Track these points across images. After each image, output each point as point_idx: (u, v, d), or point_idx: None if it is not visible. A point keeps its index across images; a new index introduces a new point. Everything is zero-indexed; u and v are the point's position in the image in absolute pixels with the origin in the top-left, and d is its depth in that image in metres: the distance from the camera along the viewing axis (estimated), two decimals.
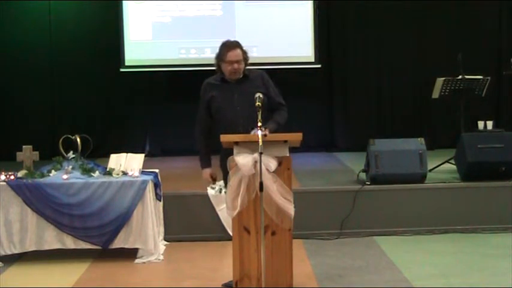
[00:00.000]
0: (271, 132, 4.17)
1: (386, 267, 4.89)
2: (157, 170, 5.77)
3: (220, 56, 4.46)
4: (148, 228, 5.31)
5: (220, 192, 5.88)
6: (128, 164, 5.58)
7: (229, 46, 4.46)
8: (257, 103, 4.13)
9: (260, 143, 3.92)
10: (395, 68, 8.82)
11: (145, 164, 5.67)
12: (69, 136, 5.59)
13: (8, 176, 5.39)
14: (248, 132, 4.23)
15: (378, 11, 8.71)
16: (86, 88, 8.71)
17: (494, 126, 6.82)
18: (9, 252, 5.31)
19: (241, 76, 4.48)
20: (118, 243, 5.33)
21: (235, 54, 4.41)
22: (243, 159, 4.07)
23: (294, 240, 4.26)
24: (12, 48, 8.58)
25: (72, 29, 8.68)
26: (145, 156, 5.80)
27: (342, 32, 8.93)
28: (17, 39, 8.55)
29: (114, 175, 5.46)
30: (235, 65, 4.41)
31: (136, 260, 5.31)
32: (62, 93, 8.65)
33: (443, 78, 6.94)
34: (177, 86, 8.81)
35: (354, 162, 7.46)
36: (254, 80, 4.51)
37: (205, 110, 4.56)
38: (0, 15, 8.60)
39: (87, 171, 5.48)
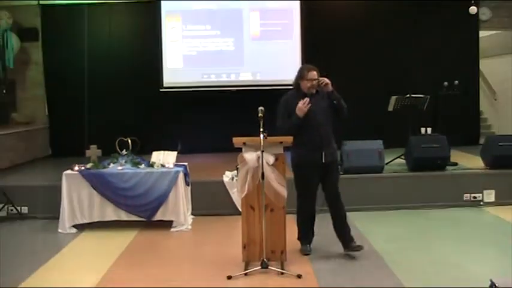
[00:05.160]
0: (338, 99, 4.32)
1: (356, 235, 4.86)
2: (186, 163, 5.78)
3: (302, 75, 4.35)
4: (180, 205, 5.34)
5: (232, 179, 5.91)
6: (165, 158, 5.62)
7: (309, 68, 4.37)
8: (260, 115, 4.08)
9: (262, 144, 3.95)
10: (364, 89, 8.57)
11: (177, 159, 5.70)
12: (123, 138, 5.63)
13: (80, 168, 5.46)
14: (326, 133, 4.30)
15: (350, 48, 8.64)
16: (135, 103, 8.69)
17: (432, 131, 6.83)
18: (81, 222, 5.38)
19: (314, 92, 4.36)
20: (158, 216, 5.37)
21: (313, 74, 4.32)
22: (250, 156, 4.08)
23: (287, 216, 4.26)
24: (80, 71, 8.52)
25: (127, 61, 8.66)
26: (177, 153, 5.81)
27: (327, 58, 8.77)
28: (85, 65, 8.53)
29: (155, 167, 5.49)
30: (314, 81, 4.30)
31: (172, 229, 5.35)
32: (118, 107, 8.64)
33: (396, 96, 6.94)
34: (201, 101, 8.79)
35: None
36: (322, 95, 4.35)
37: (288, 118, 4.32)
38: (73, 37, 8.55)
39: (135, 164, 5.52)
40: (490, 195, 6.06)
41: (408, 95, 6.88)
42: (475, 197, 6.05)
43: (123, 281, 3.97)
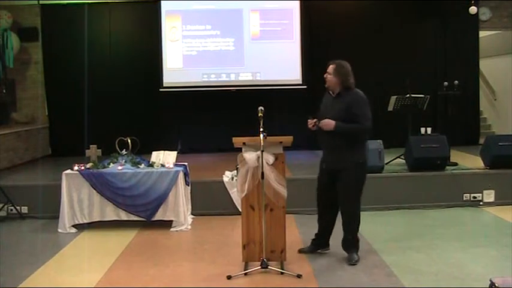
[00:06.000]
0: (339, 128, 4.11)
1: None
2: (186, 163, 5.78)
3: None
4: (180, 205, 5.34)
5: (232, 179, 5.91)
6: (165, 158, 5.62)
7: (331, 62, 4.38)
8: (259, 114, 4.08)
9: (262, 143, 3.95)
10: (364, 89, 8.54)
11: (177, 159, 5.69)
12: (123, 138, 5.62)
13: (80, 167, 5.45)
14: (331, 139, 4.18)
15: (350, 48, 8.61)
16: (136, 103, 8.70)
17: (432, 131, 6.83)
18: (81, 222, 5.38)
19: (337, 92, 4.28)
20: (158, 216, 5.37)
21: (329, 67, 4.34)
22: (249, 155, 4.08)
23: (287, 215, 4.26)
24: (80, 71, 8.50)
25: (127, 61, 8.70)
26: (177, 152, 5.82)
27: (322, 60, 8.79)
28: (85, 65, 8.51)
29: (155, 167, 5.49)
30: (326, 74, 4.32)
31: (171, 229, 5.35)
32: (118, 107, 8.66)
33: (396, 96, 6.94)
34: (200, 101, 8.80)
35: None
36: (346, 98, 4.22)
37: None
38: (73, 37, 8.56)
39: (135, 164, 5.52)
40: (489, 195, 6.06)
41: (408, 95, 6.87)
42: (474, 197, 6.06)
43: (123, 281, 3.97)
